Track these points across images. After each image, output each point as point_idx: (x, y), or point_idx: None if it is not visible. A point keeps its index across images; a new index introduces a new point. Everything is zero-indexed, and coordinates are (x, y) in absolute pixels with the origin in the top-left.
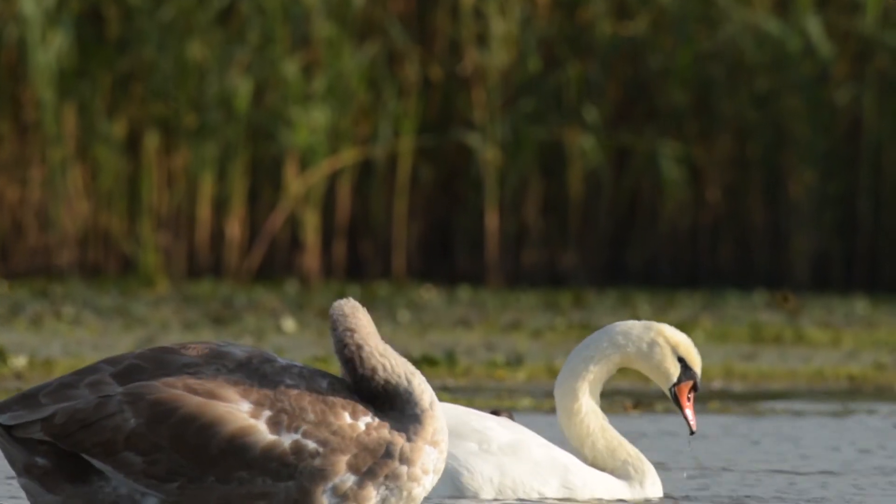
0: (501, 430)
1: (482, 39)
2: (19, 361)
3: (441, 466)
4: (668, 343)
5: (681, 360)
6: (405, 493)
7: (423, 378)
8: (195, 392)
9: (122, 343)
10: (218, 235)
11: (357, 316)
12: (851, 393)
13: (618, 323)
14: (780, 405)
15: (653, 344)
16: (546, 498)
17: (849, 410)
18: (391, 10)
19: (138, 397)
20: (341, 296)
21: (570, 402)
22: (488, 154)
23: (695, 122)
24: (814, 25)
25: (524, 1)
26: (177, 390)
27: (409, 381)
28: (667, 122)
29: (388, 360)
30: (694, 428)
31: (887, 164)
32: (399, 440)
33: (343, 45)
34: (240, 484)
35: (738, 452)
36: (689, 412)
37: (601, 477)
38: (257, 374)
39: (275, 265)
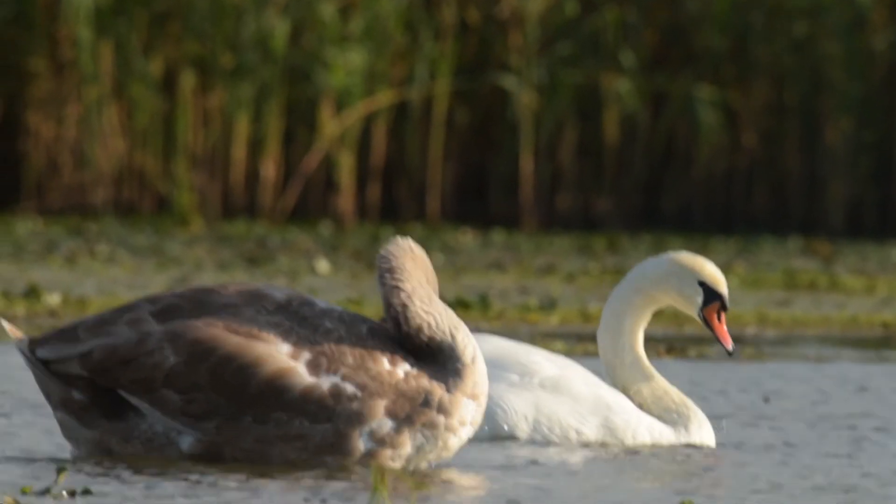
0: (548, 364)
1: None
2: (53, 299)
3: (479, 419)
4: (685, 270)
5: (702, 283)
6: (440, 443)
7: (468, 331)
8: (235, 332)
9: (156, 282)
10: (252, 176)
11: (405, 267)
12: (885, 340)
13: (639, 265)
14: (812, 351)
15: (669, 275)
16: (584, 437)
17: (882, 358)
18: None
19: (178, 335)
20: (375, 238)
21: (611, 356)
22: (524, 97)
23: (732, 67)
24: None
25: None
26: (217, 330)
27: (452, 336)
28: (704, 67)
29: (433, 317)
30: (730, 348)
31: None
32: (438, 391)
33: None
34: (276, 425)
35: (775, 398)
36: (722, 334)
37: (646, 419)
38: (297, 316)
39: (309, 206)
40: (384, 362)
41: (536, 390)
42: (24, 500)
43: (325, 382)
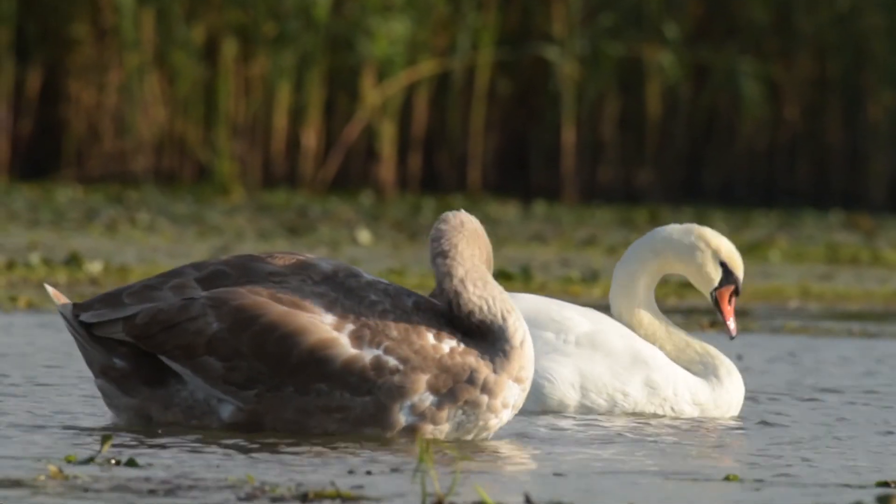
0: (581, 319)
1: None
2: (94, 267)
3: (521, 403)
4: (709, 246)
5: (722, 264)
6: (481, 423)
7: (520, 315)
8: (279, 301)
9: (197, 251)
10: (294, 145)
11: (458, 247)
12: None
13: (658, 229)
14: (856, 326)
15: (693, 247)
16: (630, 398)
17: None
18: None
19: (222, 302)
20: (416, 209)
21: (628, 317)
22: (566, 69)
23: (775, 40)
24: None
25: None
26: (261, 298)
27: (504, 319)
28: (746, 40)
29: (486, 301)
30: (734, 333)
31: None
32: (484, 370)
33: None
34: (318, 396)
35: (816, 374)
36: (729, 317)
37: (682, 374)
38: (342, 287)
39: (350, 176)
40: (429, 337)
41: (575, 354)
42: (68, 469)
43: (368, 355)
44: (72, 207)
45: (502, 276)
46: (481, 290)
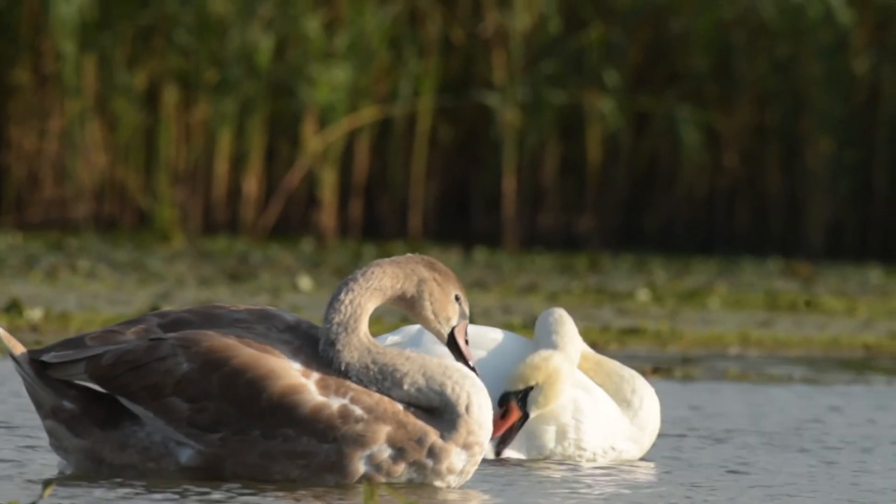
0: (515, 339)
1: (504, 1)
2: (35, 314)
3: (470, 469)
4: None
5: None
6: (427, 482)
7: (462, 378)
8: (248, 345)
9: (138, 298)
10: (235, 191)
11: (345, 340)
12: (867, 361)
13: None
14: (795, 373)
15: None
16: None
17: (866, 380)
18: None
19: (192, 342)
20: (357, 255)
21: None
22: (507, 115)
23: (714, 88)
24: None
25: None
26: (231, 340)
27: (441, 392)
28: (687, 87)
29: (416, 385)
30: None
31: None
32: (432, 435)
33: (365, 3)
34: (284, 441)
35: (752, 418)
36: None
37: (608, 406)
38: (307, 337)
39: (291, 222)
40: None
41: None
42: None
43: (335, 403)
44: (11, 254)
45: None
46: (414, 374)
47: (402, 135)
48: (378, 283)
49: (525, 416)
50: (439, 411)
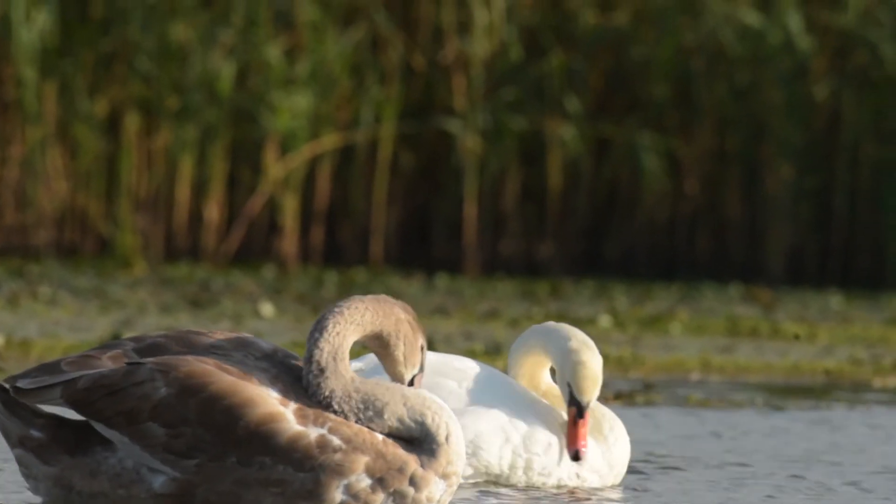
0: (479, 367)
1: (465, 27)
2: None
3: (447, 499)
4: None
5: (568, 384)
6: None
7: (439, 408)
8: (226, 372)
9: (99, 324)
10: (196, 218)
11: (326, 371)
12: (828, 388)
13: (538, 327)
14: (757, 398)
15: (563, 353)
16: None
17: (827, 406)
18: None
19: (171, 367)
20: (319, 282)
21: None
22: (468, 142)
23: (675, 114)
24: (794, 20)
25: None
26: (209, 366)
27: (421, 423)
28: (647, 114)
29: (399, 412)
30: (578, 456)
31: (864, 160)
32: (413, 464)
33: (326, 30)
34: (260, 469)
35: (713, 445)
36: (573, 443)
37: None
38: (283, 365)
39: (253, 249)
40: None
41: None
42: None
43: (313, 432)
44: None
45: None
46: (386, 412)
47: (363, 161)
48: (360, 318)
49: (580, 411)
50: (419, 441)
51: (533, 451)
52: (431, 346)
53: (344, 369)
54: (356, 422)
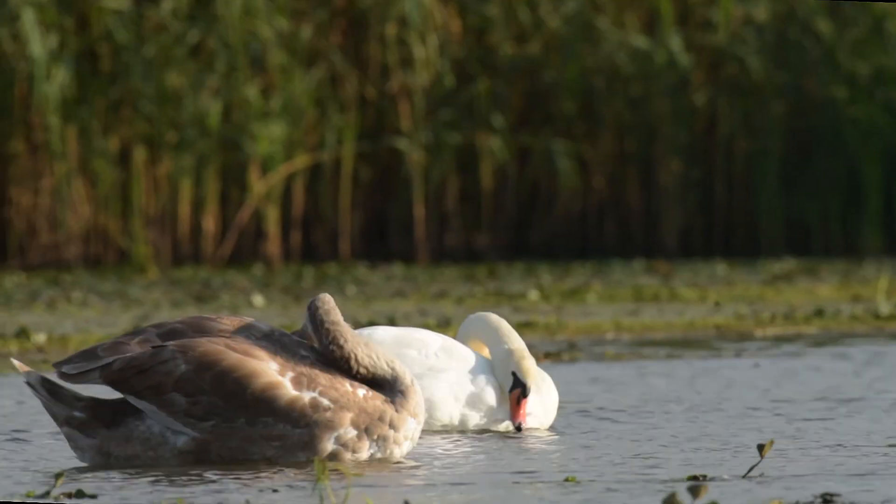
0: (436, 337)
1: (407, 63)
2: (39, 338)
3: (417, 435)
4: (507, 357)
5: (513, 373)
6: (388, 452)
7: (400, 362)
8: (234, 350)
9: (122, 320)
10: (196, 229)
11: (338, 320)
12: (719, 339)
13: (474, 316)
14: (661, 351)
15: (493, 351)
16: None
17: (718, 353)
18: (332, 41)
19: (189, 348)
20: (299, 276)
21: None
22: (415, 156)
23: (582, 124)
24: (675, 41)
25: (440, 29)
26: (220, 346)
27: (392, 368)
28: (559, 125)
29: (373, 358)
30: (520, 426)
31: (738, 153)
32: (389, 410)
33: (294, 71)
34: (264, 426)
35: (640, 393)
36: (516, 418)
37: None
38: (279, 343)
39: (243, 252)
40: (347, 385)
41: (444, 370)
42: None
43: (307, 396)
44: (17, 291)
45: (372, 327)
46: (366, 351)
47: (330, 176)
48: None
49: (524, 391)
50: (389, 384)
51: (487, 402)
52: (393, 323)
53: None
54: (350, 352)
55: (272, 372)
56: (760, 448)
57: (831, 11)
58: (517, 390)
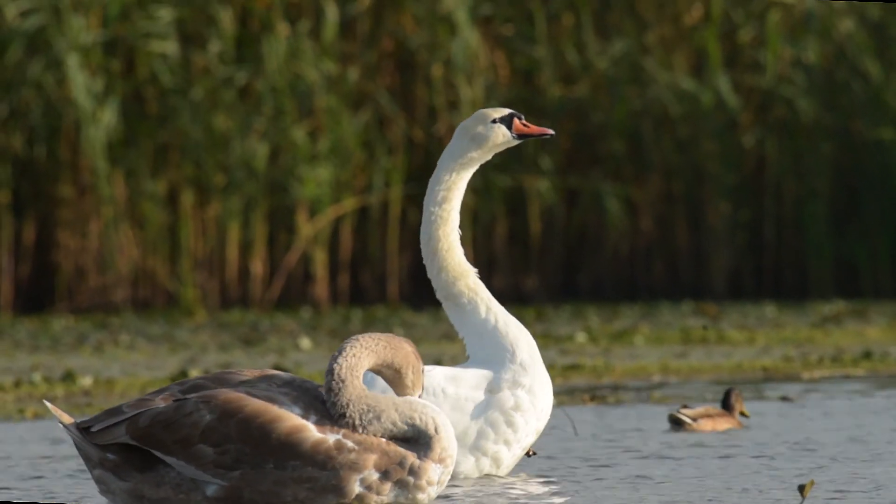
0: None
1: (454, 105)
2: (86, 381)
3: (446, 479)
4: (477, 124)
5: (494, 120)
6: (411, 496)
7: (424, 407)
8: (256, 396)
9: (170, 363)
10: (244, 272)
11: (346, 377)
12: (765, 380)
13: (445, 153)
14: (708, 392)
15: (473, 136)
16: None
17: (764, 395)
18: (379, 83)
19: (212, 398)
20: (347, 319)
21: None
22: (464, 198)
23: (630, 166)
24: (723, 82)
25: (487, 71)
26: (241, 394)
27: (412, 425)
28: (607, 167)
29: (392, 417)
30: (550, 132)
31: (787, 195)
32: (411, 458)
33: (341, 114)
34: (293, 470)
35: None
36: (536, 132)
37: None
38: (301, 389)
39: (291, 295)
40: None
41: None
42: None
43: (331, 438)
44: (65, 334)
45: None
46: (381, 422)
47: (377, 219)
48: (375, 346)
49: (518, 116)
50: (413, 439)
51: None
52: (441, 364)
53: (357, 382)
54: (359, 424)
55: (295, 416)
56: (801, 489)
57: (879, 53)
58: (514, 120)
